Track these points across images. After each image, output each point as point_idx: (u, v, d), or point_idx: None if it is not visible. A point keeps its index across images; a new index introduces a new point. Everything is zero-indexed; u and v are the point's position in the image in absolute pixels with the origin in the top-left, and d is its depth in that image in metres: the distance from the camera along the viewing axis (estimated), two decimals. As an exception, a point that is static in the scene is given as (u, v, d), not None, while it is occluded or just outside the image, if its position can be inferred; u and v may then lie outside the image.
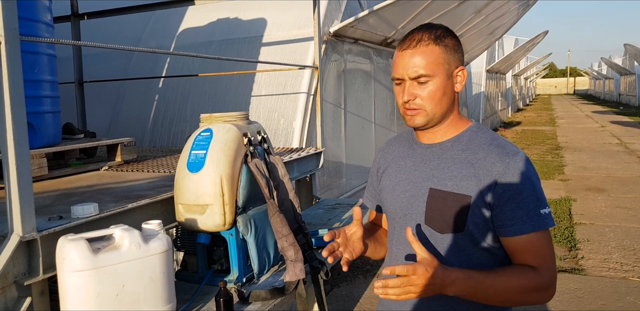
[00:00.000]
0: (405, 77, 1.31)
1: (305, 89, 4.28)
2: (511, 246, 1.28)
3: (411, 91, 1.31)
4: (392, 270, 1.14)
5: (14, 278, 1.50)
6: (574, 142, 13.56)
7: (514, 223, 1.25)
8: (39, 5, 2.74)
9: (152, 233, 1.62)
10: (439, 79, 1.30)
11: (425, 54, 1.29)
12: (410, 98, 1.31)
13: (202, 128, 2.09)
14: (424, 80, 1.30)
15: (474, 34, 7.31)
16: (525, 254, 1.27)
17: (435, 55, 1.30)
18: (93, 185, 2.43)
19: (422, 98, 1.31)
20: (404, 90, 1.32)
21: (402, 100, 1.33)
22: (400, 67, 1.32)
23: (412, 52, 1.30)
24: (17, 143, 1.47)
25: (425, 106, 1.31)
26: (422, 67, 1.29)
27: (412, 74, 1.30)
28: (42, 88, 2.76)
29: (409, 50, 1.31)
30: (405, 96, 1.31)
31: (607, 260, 4.78)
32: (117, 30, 5.41)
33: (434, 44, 1.30)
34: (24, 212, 1.49)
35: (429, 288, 1.15)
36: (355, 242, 1.34)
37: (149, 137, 4.87)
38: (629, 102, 32.30)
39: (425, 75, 1.29)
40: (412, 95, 1.31)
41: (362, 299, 4.00)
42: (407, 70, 1.30)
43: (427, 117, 1.33)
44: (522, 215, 1.25)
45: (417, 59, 1.29)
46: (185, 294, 1.96)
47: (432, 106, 1.31)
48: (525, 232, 1.25)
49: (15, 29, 1.47)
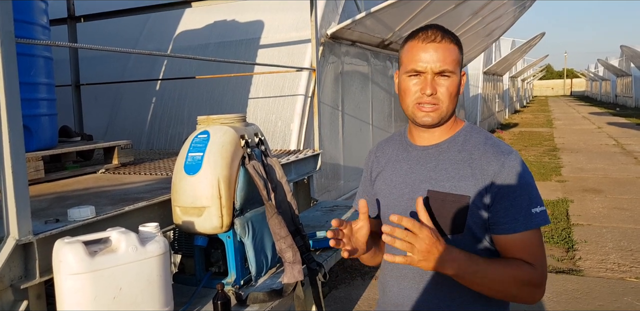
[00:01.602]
0: (429, 70, 1.28)
1: (302, 91, 4.29)
2: (503, 244, 1.29)
3: (434, 85, 1.29)
4: (399, 219, 1.11)
5: (10, 282, 1.50)
6: (571, 144, 13.59)
7: (506, 222, 1.26)
8: (35, 7, 2.73)
9: (149, 235, 1.62)
10: (456, 77, 1.30)
11: (449, 50, 1.28)
12: (433, 92, 1.28)
13: (199, 131, 2.09)
14: (448, 75, 1.28)
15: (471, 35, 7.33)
16: (517, 252, 1.27)
17: (456, 54, 1.30)
18: (90, 188, 2.43)
19: (442, 93, 1.29)
20: (426, 83, 1.28)
21: (421, 93, 1.29)
22: (423, 59, 1.27)
23: (437, 45, 1.28)
24: (13, 146, 1.46)
25: (443, 102, 1.30)
26: (448, 62, 1.27)
27: (437, 68, 1.27)
28: (38, 90, 2.75)
29: (434, 43, 1.28)
30: (429, 89, 1.27)
31: (605, 260, 4.79)
32: (114, 33, 5.40)
33: (454, 43, 1.30)
34: (20, 215, 1.49)
35: (430, 255, 1.13)
36: (359, 239, 1.29)
37: (146, 139, 4.86)
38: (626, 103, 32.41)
39: (450, 71, 1.28)
40: (435, 89, 1.29)
41: (360, 301, 3.99)
42: (433, 64, 1.27)
43: (442, 114, 1.31)
44: (515, 213, 1.25)
45: (444, 54, 1.27)
46: (183, 297, 1.95)
47: (448, 103, 1.30)
48: (517, 231, 1.25)
49: (11, 31, 1.47)
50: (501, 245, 1.29)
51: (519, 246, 1.27)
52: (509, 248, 1.28)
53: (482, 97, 16.40)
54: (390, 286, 1.43)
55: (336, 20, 4.73)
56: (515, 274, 1.23)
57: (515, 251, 1.27)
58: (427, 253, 1.13)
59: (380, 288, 1.50)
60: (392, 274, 1.42)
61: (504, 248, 1.29)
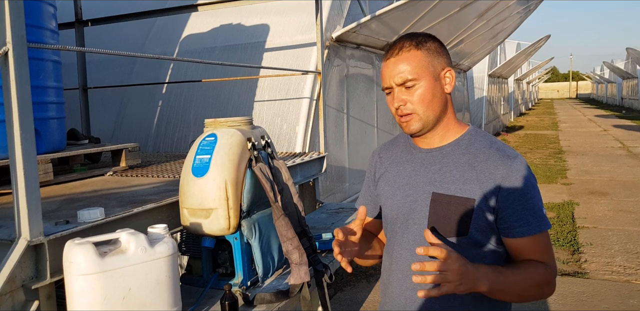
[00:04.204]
0: (393, 85, 1.33)
1: (308, 94, 4.31)
2: (516, 247, 1.31)
3: (400, 97, 1.32)
4: (425, 250, 1.11)
5: (21, 282, 1.52)
6: (576, 146, 13.54)
7: (520, 225, 1.28)
8: (45, 12, 2.77)
9: (157, 237, 1.64)
10: (426, 82, 1.32)
11: (408, 59, 1.31)
12: (400, 104, 1.32)
13: (207, 133, 2.11)
14: (411, 84, 1.31)
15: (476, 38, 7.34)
16: (531, 253, 1.31)
17: (419, 59, 1.32)
18: (98, 190, 2.45)
19: (412, 102, 1.32)
20: (393, 98, 1.34)
21: (393, 108, 1.34)
22: (387, 76, 1.34)
23: (395, 59, 1.32)
24: (24, 149, 1.49)
25: (417, 110, 1.32)
26: (407, 71, 1.31)
27: (398, 80, 1.31)
28: (47, 94, 2.78)
29: (392, 58, 1.33)
30: (396, 102, 1.33)
31: (610, 263, 4.78)
32: (121, 37, 5.45)
33: (415, 49, 1.32)
34: (32, 216, 1.51)
35: (464, 278, 1.13)
36: (351, 244, 1.33)
37: (152, 142, 4.89)
38: (632, 105, 32.27)
39: (411, 79, 1.31)
40: (401, 100, 1.32)
41: (365, 303, 4.00)
42: (393, 78, 1.32)
43: (421, 121, 1.33)
44: (528, 216, 1.28)
45: (401, 65, 1.31)
46: (191, 298, 1.97)
47: (424, 109, 1.32)
48: (531, 233, 1.28)
49: (22, 36, 1.49)
50: (514, 247, 1.32)
51: (532, 248, 1.30)
52: (522, 250, 1.31)
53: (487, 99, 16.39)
54: (392, 288, 1.44)
55: (341, 24, 4.76)
56: (534, 277, 1.27)
57: (528, 253, 1.31)
58: (461, 278, 1.13)
59: (382, 289, 1.51)
60: (394, 275, 1.43)
61: (516, 250, 1.32)
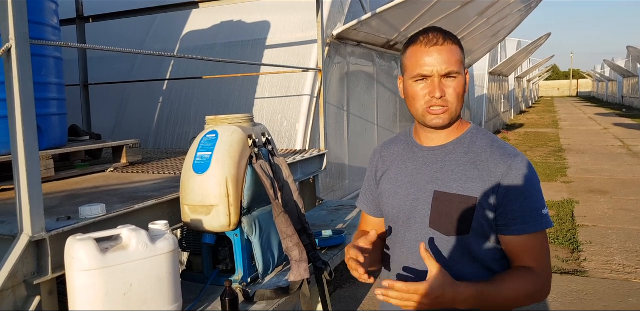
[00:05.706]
0: (435, 73, 1.29)
1: (308, 92, 4.31)
2: (511, 245, 1.31)
3: (442, 87, 1.30)
4: (391, 286, 1.12)
5: (23, 278, 1.53)
6: (576, 144, 13.54)
7: (516, 223, 1.28)
8: (46, 8, 2.77)
9: (158, 233, 1.64)
10: (462, 78, 1.31)
11: (453, 51, 1.30)
12: (442, 95, 1.29)
13: (208, 130, 2.12)
14: (454, 77, 1.30)
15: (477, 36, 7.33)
16: (525, 253, 1.30)
17: (459, 55, 1.32)
18: (99, 187, 2.46)
19: (450, 95, 1.30)
20: (434, 86, 1.29)
21: (430, 97, 1.30)
22: (428, 63, 1.29)
23: (440, 48, 1.29)
24: (26, 145, 1.50)
25: (452, 103, 1.31)
26: (453, 63, 1.29)
27: (443, 70, 1.28)
28: (49, 90, 2.79)
29: (437, 46, 1.29)
30: (438, 92, 1.28)
31: (610, 262, 4.79)
32: (122, 33, 5.44)
33: (455, 44, 1.32)
34: (34, 212, 1.52)
35: (436, 303, 1.14)
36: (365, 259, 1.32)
37: (153, 139, 4.90)
38: (632, 104, 32.24)
39: (456, 71, 1.29)
40: (443, 91, 1.30)
41: (365, 300, 4.01)
42: (439, 67, 1.28)
43: (452, 115, 1.32)
44: (525, 215, 1.27)
45: (448, 56, 1.29)
46: (191, 294, 1.98)
47: (457, 104, 1.32)
48: (527, 232, 1.28)
49: (25, 33, 1.49)
50: (509, 246, 1.31)
51: (527, 248, 1.29)
52: (517, 249, 1.30)
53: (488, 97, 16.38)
54: None
55: (342, 21, 4.76)
56: (525, 288, 1.26)
57: (524, 252, 1.30)
58: (430, 304, 1.13)
59: None
60: (395, 274, 1.44)
61: (511, 249, 1.31)
